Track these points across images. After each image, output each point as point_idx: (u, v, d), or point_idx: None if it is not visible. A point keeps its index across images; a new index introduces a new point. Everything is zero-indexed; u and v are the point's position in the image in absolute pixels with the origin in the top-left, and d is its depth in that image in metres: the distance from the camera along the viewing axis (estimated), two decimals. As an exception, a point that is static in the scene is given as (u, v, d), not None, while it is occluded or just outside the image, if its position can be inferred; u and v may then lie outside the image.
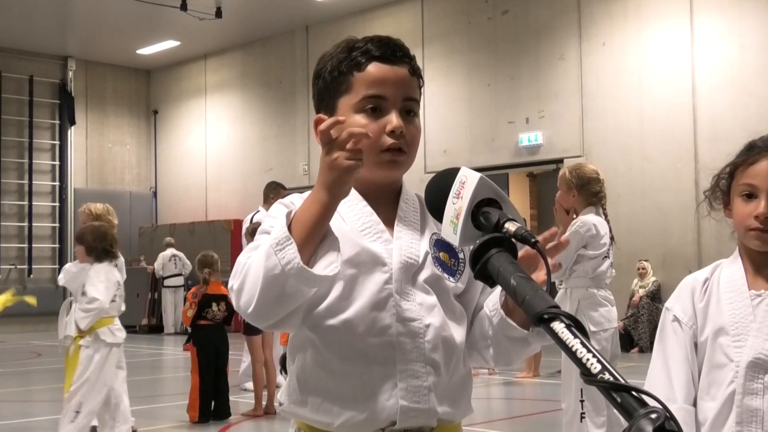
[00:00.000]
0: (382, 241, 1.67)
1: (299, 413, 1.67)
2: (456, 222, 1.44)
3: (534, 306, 1.21)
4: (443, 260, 1.71)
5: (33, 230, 19.54)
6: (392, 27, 15.56)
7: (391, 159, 1.67)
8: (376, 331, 1.61)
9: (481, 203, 1.43)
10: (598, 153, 13.17)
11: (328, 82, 1.72)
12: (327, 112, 1.73)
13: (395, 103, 1.68)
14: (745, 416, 1.94)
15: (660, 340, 2.09)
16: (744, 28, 12.01)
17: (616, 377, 1.07)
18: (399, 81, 1.69)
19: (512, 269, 1.30)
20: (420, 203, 1.77)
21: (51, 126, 20.22)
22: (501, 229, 1.37)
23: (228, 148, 19.54)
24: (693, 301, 2.06)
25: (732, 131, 11.40)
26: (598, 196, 5.13)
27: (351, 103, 1.68)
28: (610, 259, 5.18)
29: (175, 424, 7.42)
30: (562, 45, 13.94)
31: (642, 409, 1.02)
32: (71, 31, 18.55)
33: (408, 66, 1.72)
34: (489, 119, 14.77)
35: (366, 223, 1.69)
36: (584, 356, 1.10)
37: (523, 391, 9.43)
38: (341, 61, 1.70)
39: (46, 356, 14.14)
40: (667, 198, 12.50)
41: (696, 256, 12.11)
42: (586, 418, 4.86)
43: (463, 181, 1.45)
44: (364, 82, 1.68)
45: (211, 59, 20.09)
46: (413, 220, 1.73)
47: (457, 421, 1.71)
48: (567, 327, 1.15)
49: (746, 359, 1.95)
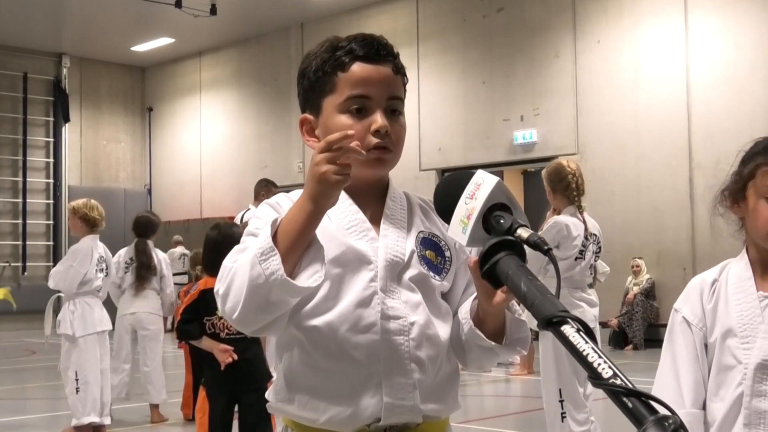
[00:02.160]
0: (368, 239, 1.68)
1: (286, 410, 1.68)
2: (467, 222, 1.45)
3: (543, 310, 1.22)
4: (429, 258, 1.72)
5: (27, 227, 19.51)
6: (387, 24, 15.56)
7: (377, 157, 1.68)
8: (361, 328, 1.62)
9: (493, 207, 1.44)
10: (593, 151, 13.18)
11: (312, 81, 1.73)
12: (312, 111, 1.74)
13: (380, 102, 1.69)
14: (754, 418, 1.93)
15: (669, 342, 2.08)
16: (738, 26, 12.03)
17: (627, 383, 1.07)
18: (383, 80, 1.70)
19: (522, 272, 1.32)
20: (408, 201, 1.79)
21: (45, 123, 20.18)
22: (513, 234, 1.39)
23: (223, 145, 19.53)
24: (702, 302, 2.04)
25: (726, 129, 11.43)
26: (569, 188, 5.09)
27: (335, 103, 1.69)
28: (586, 260, 5.13)
29: (170, 421, 7.42)
30: (557, 43, 13.95)
31: (652, 416, 1.02)
32: (66, 28, 18.51)
33: (392, 65, 1.72)
34: (484, 117, 14.77)
35: (352, 222, 1.69)
36: (595, 361, 1.10)
37: (518, 388, 9.45)
38: (325, 60, 1.70)
39: (41, 354, 14.11)
40: (661, 196, 12.52)
41: (690, 254, 12.13)
42: (567, 418, 4.88)
43: (479, 183, 1.47)
44: (348, 82, 1.68)
45: (206, 56, 20.07)
46: (400, 217, 1.74)
47: (443, 417, 1.72)
48: (577, 331, 1.16)
49: (755, 361, 1.94)
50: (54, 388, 8.38)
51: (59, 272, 6.72)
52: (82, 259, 6.69)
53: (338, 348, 1.62)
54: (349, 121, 1.67)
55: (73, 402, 6.63)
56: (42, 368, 11.97)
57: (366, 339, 1.62)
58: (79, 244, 6.72)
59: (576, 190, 5.11)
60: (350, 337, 1.62)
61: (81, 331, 6.68)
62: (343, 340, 1.61)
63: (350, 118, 1.67)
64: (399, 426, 1.64)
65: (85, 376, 6.60)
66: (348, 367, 1.62)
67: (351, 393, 1.61)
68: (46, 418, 7.69)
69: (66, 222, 19.07)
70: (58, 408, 7.40)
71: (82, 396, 6.59)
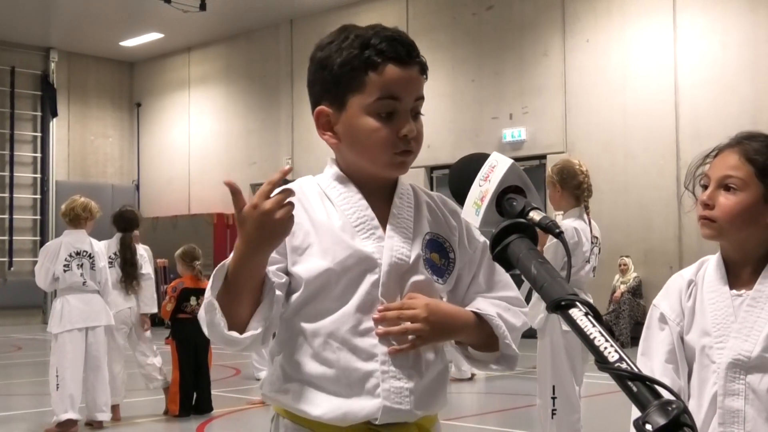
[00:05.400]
0: (375, 238, 1.67)
1: (280, 400, 1.68)
2: (480, 204, 1.44)
3: (552, 292, 1.21)
4: (434, 261, 1.71)
5: (14, 222, 19.41)
6: (376, 21, 15.49)
7: (402, 161, 1.68)
8: (360, 331, 1.63)
9: (507, 189, 1.43)
10: (581, 149, 13.21)
11: (337, 75, 1.67)
12: (333, 105, 1.70)
13: (408, 105, 1.68)
14: (727, 417, 1.94)
15: (645, 338, 2.09)
16: (726, 26, 12.08)
17: (633, 367, 1.07)
18: (412, 83, 1.69)
19: (533, 255, 1.31)
20: (415, 196, 1.78)
21: (33, 118, 20.08)
22: (525, 216, 1.38)
23: (211, 141, 19.48)
24: (681, 300, 2.06)
25: (713, 128, 11.47)
26: (581, 188, 5.02)
27: (364, 103, 1.66)
28: (591, 263, 5.11)
29: (157, 417, 7.40)
30: (546, 41, 13.97)
31: (656, 401, 1.02)
32: (54, 22, 18.42)
33: (419, 66, 1.71)
34: (473, 115, 14.79)
35: (360, 218, 1.68)
36: (602, 344, 1.10)
37: (502, 385, 9.46)
38: (355, 56, 1.66)
39: (27, 350, 14.07)
40: (649, 194, 12.56)
41: (677, 253, 12.18)
42: (557, 416, 4.87)
43: (494, 165, 1.46)
44: (380, 84, 1.65)
45: (195, 52, 20.01)
46: (407, 216, 1.73)
47: (435, 412, 1.73)
48: (585, 315, 1.15)
49: (726, 360, 1.95)
50: (40, 384, 8.35)
51: (36, 271, 6.96)
52: (51, 257, 6.78)
53: (337, 349, 1.62)
54: (377, 124, 1.66)
55: (54, 399, 6.65)
56: (28, 364, 11.92)
57: (365, 343, 1.63)
58: (50, 242, 6.83)
59: (587, 190, 5.06)
60: (350, 338, 1.62)
61: (58, 328, 6.70)
62: (343, 341, 1.62)
63: (378, 121, 1.66)
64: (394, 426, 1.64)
65: (63, 373, 6.61)
66: (346, 368, 1.62)
67: (348, 393, 1.62)
68: (32, 414, 7.66)
69: (53, 217, 19.02)
70: (43, 404, 7.37)
71: (62, 392, 6.59)
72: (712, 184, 2.02)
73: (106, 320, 6.90)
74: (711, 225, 2.00)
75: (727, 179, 1.99)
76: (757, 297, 1.97)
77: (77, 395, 6.70)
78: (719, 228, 2.00)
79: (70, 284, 6.77)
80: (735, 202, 1.98)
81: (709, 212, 2.00)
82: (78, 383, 6.69)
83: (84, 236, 6.93)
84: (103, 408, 6.86)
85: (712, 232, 2.01)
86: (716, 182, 2.01)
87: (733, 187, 1.98)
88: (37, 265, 6.99)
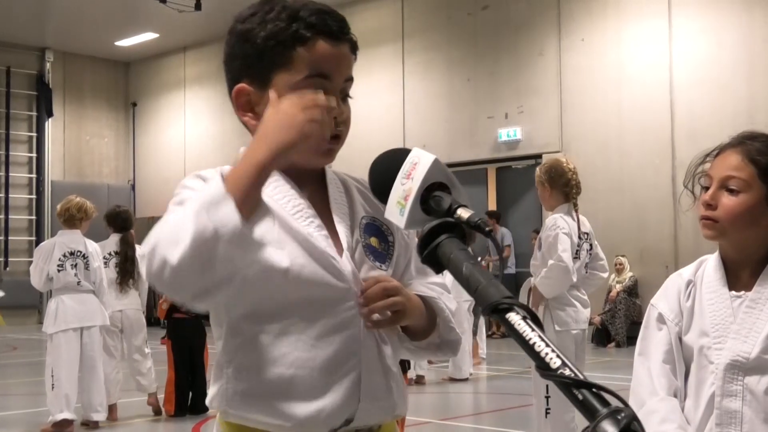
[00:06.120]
0: (315, 226, 1.55)
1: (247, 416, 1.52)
2: (404, 203, 1.35)
3: (487, 296, 1.14)
4: (374, 246, 1.61)
5: (9, 222, 19.38)
6: (372, 22, 15.54)
7: (329, 148, 1.58)
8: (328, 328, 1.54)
9: (431, 187, 1.34)
10: (577, 148, 13.22)
11: (261, 49, 1.55)
12: (255, 83, 1.57)
13: (338, 85, 1.56)
14: (725, 418, 1.94)
15: (642, 338, 2.09)
16: (721, 26, 12.09)
17: (577, 373, 1.00)
18: (343, 61, 1.57)
19: (464, 256, 1.23)
20: (343, 183, 1.68)
21: (28, 118, 20.05)
22: (453, 214, 1.29)
23: (207, 141, 19.46)
24: (679, 300, 2.05)
25: (709, 128, 11.47)
26: (569, 185, 5.06)
27: (291, 81, 1.52)
28: (581, 260, 5.13)
29: (152, 417, 7.39)
30: (542, 41, 13.98)
31: (605, 409, 0.95)
32: (49, 22, 18.38)
33: (350, 43, 1.58)
34: (468, 114, 14.79)
35: (296, 206, 1.56)
36: (542, 350, 1.03)
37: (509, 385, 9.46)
38: (281, 29, 1.53)
39: (22, 350, 14.05)
40: (644, 194, 12.57)
41: (673, 252, 12.19)
42: (551, 415, 4.87)
43: (415, 162, 1.36)
44: (309, 61, 1.52)
45: (191, 52, 19.99)
46: (342, 202, 1.63)
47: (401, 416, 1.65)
48: (523, 319, 1.07)
49: (724, 361, 1.95)
50: (35, 384, 8.33)
51: (31, 271, 6.95)
52: (44, 257, 6.79)
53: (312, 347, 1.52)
54: None
55: (50, 399, 6.66)
56: (23, 364, 11.90)
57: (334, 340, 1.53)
58: (44, 242, 6.85)
59: (575, 187, 5.10)
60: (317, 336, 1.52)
61: (53, 328, 6.71)
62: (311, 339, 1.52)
63: None
64: (364, 429, 1.55)
65: (59, 373, 6.62)
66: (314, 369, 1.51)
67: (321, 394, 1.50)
68: (28, 414, 7.65)
69: (48, 217, 19.00)
70: (39, 404, 7.36)
71: (57, 392, 6.60)
72: (714, 184, 2.01)
73: (101, 320, 6.89)
74: (713, 225, 2.00)
75: (730, 180, 1.98)
76: (756, 298, 1.97)
77: (73, 395, 6.70)
78: (721, 228, 1.99)
79: (64, 284, 6.76)
80: (737, 203, 1.97)
81: (711, 213, 1.99)
82: (73, 383, 6.69)
83: (78, 236, 6.92)
84: (99, 408, 6.85)
85: (714, 233, 2.01)
86: (718, 182, 2.00)
87: (735, 188, 1.98)
88: (31, 265, 7.00)
